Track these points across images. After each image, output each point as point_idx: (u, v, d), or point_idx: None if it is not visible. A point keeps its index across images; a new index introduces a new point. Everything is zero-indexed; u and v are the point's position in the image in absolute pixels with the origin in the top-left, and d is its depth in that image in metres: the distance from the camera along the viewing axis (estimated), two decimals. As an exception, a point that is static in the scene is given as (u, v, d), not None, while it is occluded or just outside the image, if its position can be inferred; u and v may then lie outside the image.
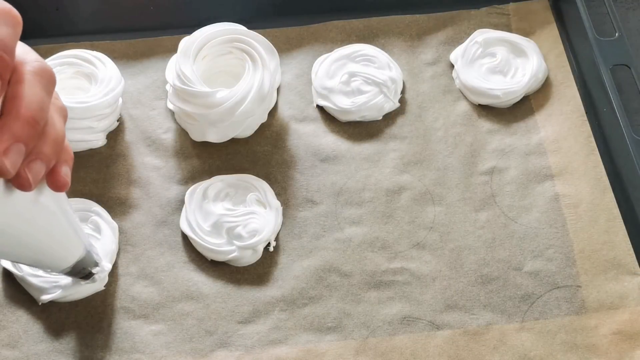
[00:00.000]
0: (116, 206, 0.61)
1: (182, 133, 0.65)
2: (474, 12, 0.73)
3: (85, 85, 0.64)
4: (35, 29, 0.63)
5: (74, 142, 0.62)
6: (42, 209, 0.39)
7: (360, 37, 0.71)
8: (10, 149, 0.32)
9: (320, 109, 0.67)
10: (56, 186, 0.37)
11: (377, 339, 0.55)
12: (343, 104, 0.65)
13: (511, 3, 0.73)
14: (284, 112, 0.67)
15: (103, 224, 0.58)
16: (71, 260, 0.47)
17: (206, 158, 0.64)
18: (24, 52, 0.35)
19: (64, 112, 0.38)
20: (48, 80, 0.35)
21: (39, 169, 0.35)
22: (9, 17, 0.32)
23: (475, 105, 0.67)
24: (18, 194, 0.35)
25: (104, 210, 0.60)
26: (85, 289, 0.56)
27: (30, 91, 0.33)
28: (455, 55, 0.69)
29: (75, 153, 0.63)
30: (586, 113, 0.65)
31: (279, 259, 0.59)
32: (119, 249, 0.59)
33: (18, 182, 0.34)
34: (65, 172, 0.37)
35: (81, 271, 0.49)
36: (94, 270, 0.51)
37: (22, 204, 0.37)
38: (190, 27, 0.67)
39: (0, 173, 0.32)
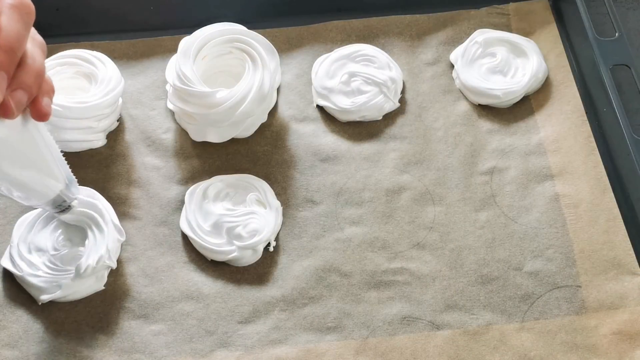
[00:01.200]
0: (116, 206, 0.61)
1: (182, 133, 0.65)
2: (474, 12, 0.73)
3: (85, 85, 0.64)
4: (36, 29, 0.63)
5: (74, 142, 0.62)
6: (27, 139, 0.43)
7: (360, 37, 0.71)
8: None
9: (320, 109, 0.67)
10: (38, 115, 0.40)
11: (377, 339, 0.55)
12: (343, 104, 0.65)
13: (511, 3, 0.73)
14: (284, 112, 0.67)
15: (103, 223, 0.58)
16: (54, 191, 0.50)
17: (206, 158, 0.64)
18: None
19: (43, 47, 0.40)
20: (26, 13, 0.37)
21: (20, 97, 0.37)
22: None
23: (475, 105, 0.67)
24: (6, 123, 0.39)
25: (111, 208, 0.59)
26: (85, 289, 0.56)
27: (6, 22, 0.35)
28: (455, 55, 0.69)
29: (75, 153, 0.63)
30: (586, 113, 0.65)
31: (279, 259, 0.59)
32: (120, 249, 0.59)
33: (3, 109, 0.37)
34: (46, 102, 0.40)
35: (62, 204, 0.52)
36: (72, 204, 0.54)
37: (9, 133, 0.40)
38: (190, 27, 0.67)
39: None
